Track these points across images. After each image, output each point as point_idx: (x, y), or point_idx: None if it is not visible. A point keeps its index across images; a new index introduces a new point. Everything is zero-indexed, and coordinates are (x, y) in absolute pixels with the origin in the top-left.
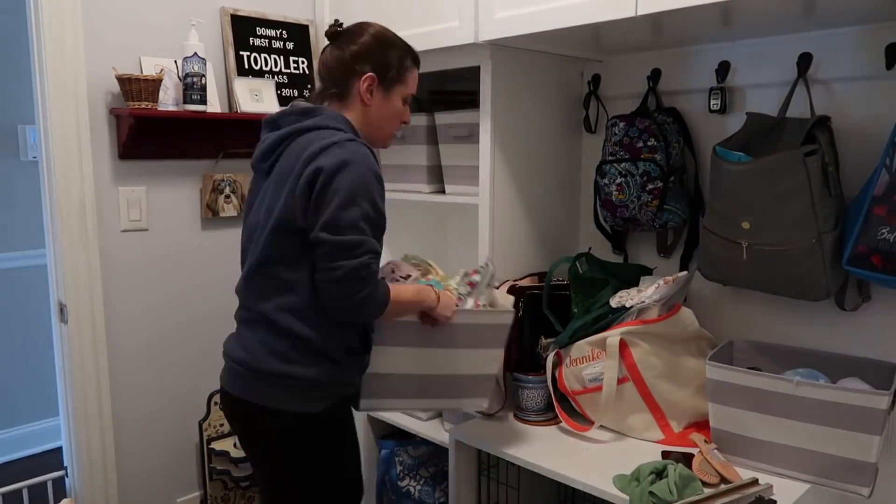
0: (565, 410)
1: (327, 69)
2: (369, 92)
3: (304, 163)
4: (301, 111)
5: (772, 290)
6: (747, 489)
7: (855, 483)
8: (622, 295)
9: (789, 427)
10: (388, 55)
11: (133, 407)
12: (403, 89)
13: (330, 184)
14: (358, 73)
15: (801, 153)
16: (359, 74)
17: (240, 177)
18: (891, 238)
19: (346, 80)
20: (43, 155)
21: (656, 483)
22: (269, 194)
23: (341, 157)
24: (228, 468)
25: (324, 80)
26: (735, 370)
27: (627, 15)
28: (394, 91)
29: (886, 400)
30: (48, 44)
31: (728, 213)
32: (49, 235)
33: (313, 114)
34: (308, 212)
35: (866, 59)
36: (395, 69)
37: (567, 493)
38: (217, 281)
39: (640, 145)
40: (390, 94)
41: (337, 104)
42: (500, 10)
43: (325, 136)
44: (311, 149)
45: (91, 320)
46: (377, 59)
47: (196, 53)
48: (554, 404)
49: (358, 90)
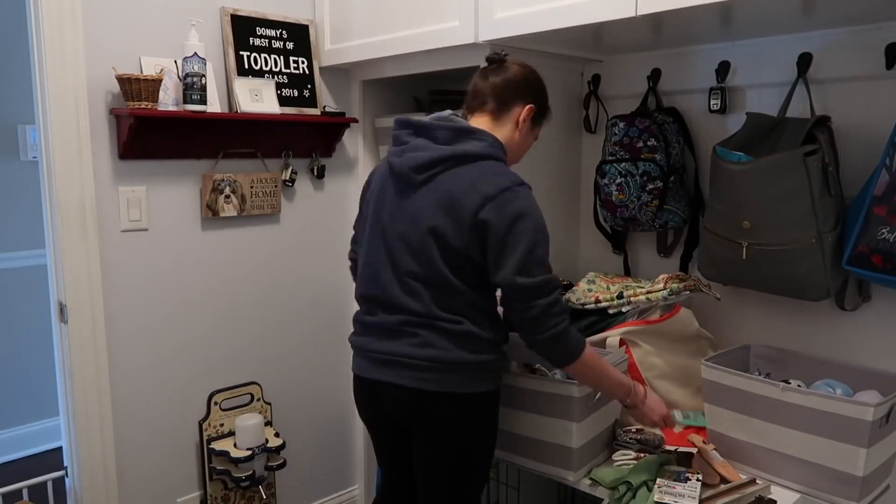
0: None
1: (492, 87)
2: (525, 120)
3: (480, 199)
4: (460, 129)
5: (772, 290)
6: (746, 489)
7: (843, 496)
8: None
9: (778, 433)
10: (544, 97)
11: (133, 407)
12: (538, 130)
13: (513, 228)
14: (522, 100)
15: (801, 153)
16: (522, 102)
17: (240, 177)
18: (891, 238)
19: (509, 101)
20: (43, 155)
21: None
22: (430, 213)
23: (519, 205)
24: (228, 468)
25: (483, 95)
26: (728, 371)
27: (627, 15)
28: (535, 127)
29: (870, 411)
30: (48, 44)
31: (728, 213)
32: (49, 235)
33: (474, 135)
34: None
35: (866, 59)
36: (546, 111)
37: (567, 493)
38: (217, 281)
39: (640, 145)
40: (534, 129)
41: (490, 120)
42: (500, 10)
43: (496, 172)
44: (487, 185)
45: (91, 320)
46: (538, 96)
47: (196, 53)
48: None
49: (517, 114)
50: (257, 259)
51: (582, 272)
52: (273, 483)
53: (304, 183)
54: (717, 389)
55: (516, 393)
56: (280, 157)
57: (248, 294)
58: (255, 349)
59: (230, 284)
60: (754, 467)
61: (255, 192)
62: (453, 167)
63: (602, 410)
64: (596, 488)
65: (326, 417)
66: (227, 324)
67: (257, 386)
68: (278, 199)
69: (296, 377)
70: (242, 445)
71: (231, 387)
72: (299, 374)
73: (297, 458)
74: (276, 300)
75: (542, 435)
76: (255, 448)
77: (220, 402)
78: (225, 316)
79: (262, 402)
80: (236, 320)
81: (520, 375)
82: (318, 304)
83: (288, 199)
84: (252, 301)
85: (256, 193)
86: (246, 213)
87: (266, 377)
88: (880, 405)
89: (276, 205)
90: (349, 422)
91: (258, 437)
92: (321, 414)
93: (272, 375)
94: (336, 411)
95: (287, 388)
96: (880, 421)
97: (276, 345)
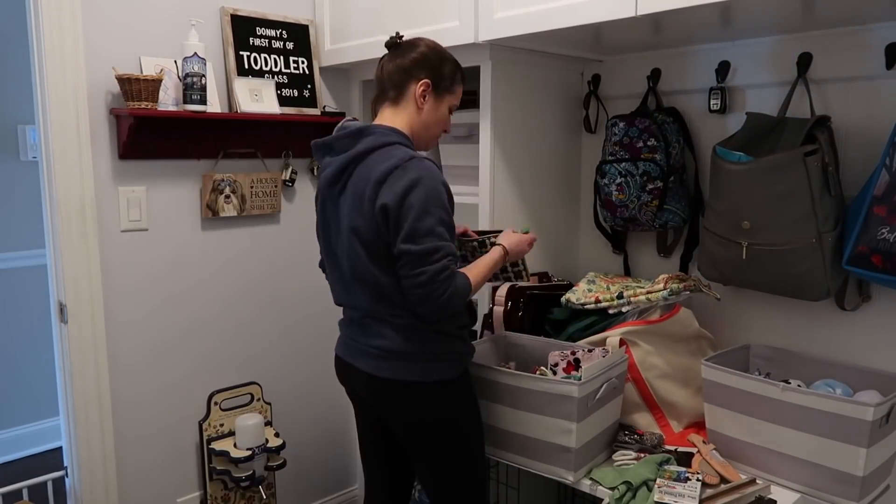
0: None
1: (387, 75)
2: (423, 96)
3: (374, 186)
4: (353, 133)
5: (772, 290)
6: (746, 489)
7: (843, 496)
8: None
9: (778, 433)
10: (442, 66)
11: (133, 407)
12: (451, 99)
13: (404, 201)
14: (415, 78)
15: (801, 153)
16: (416, 80)
17: (239, 177)
18: (891, 238)
19: (403, 84)
20: (43, 155)
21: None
22: (348, 216)
23: (409, 177)
24: (228, 468)
25: (383, 85)
26: (728, 371)
27: (627, 15)
28: (443, 99)
29: (870, 411)
30: (48, 44)
31: (728, 212)
32: (49, 235)
33: (365, 133)
34: (390, 228)
35: (866, 59)
36: (448, 79)
37: (567, 493)
38: (217, 281)
39: (640, 145)
40: (440, 102)
41: (391, 108)
42: (500, 10)
43: (386, 157)
44: (377, 172)
45: (91, 320)
46: (433, 68)
47: (196, 53)
48: None
49: (413, 94)
50: (257, 259)
51: (582, 272)
52: (273, 483)
53: (304, 183)
54: (717, 389)
55: (516, 393)
56: (280, 157)
57: (249, 294)
58: (255, 349)
59: (230, 284)
60: (754, 467)
61: (255, 192)
62: (355, 168)
63: (602, 410)
64: (596, 488)
65: (326, 417)
66: (227, 324)
67: (257, 386)
68: (278, 199)
69: (296, 377)
70: (242, 445)
71: (231, 387)
72: (299, 374)
73: (297, 458)
74: (276, 300)
75: (542, 435)
76: (255, 448)
77: (220, 402)
78: (225, 316)
79: (262, 402)
80: (236, 320)
81: (520, 375)
82: (318, 305)
83: (288, 199)
84: (252, 301)
85: (256, 193)
86: (246, 213)
87: (266, 377)
88: (880, 405)
89: (276, 205)
90: (349, 422)
91: (258, 437)
92: (321, 414)
93: (272, 375)
94: (336, 411)
95: (287, 388)
96: (880, 421)
97: (277, 345)
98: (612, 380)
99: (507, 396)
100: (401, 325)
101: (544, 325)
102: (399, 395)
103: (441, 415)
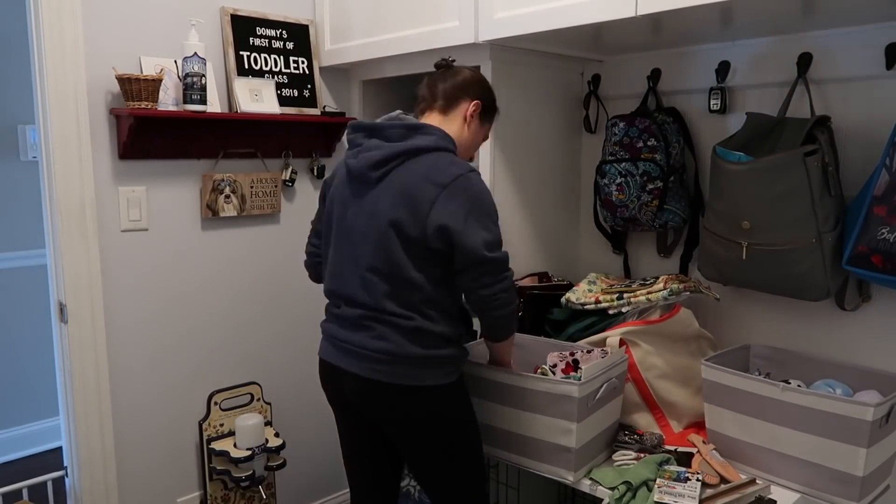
0: None
1: (441, 89)
2: (472, 115)
3: (436, 188)
4: (410, 126)
5: (772, 290)
6: (746, 489)
7: (843, 496)
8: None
9: (778, 433)
10: (491, 95)
11: (133, 407)
12: (488, 127)
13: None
14: (469, 97)
15: (801, 153)
16: (469, 99)
17: (239, 177)
18: (891, 238)
19: (456, 98)
20: (43, 155)
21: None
22: (386, 205)
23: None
24: (228, 468)
25: (433, 94)
26: (728, 371)
27: (627, 15)
28: (483, 125)
29: (870, 411)
30: (48, 44)
31: (728, 213)
32: (49, 235)
33: (423, 131)
34: (443, 237)
35: (866, 59)
36: (492, 110)
37: (567, 493)
38: (217, 281)
39: (640, 145)
40: (481, 126)
41: (440, 115)
42: (500, 10)
43: (449, 161)
44: (442, 174)
45: (91, 320)
46: (486, 93)
47: (196, 53)
48: None
49: (464, 110)
50: (257, 259)
51: (582, 272)
52: (273, 483)
53: (304, 183)
54: (717, 389)
55: (516, 392)
56: (280, 157)
57: (249, 294)
58: (255, 349)
59: (230, 284)
60: (754, 467)
61: (255, 192)
62: (406, 161)
63: (602, 410)
64: (596, 488)
65: (326, 417)
66: (227, 324)
67: (257, 386)
68: (278, 199)
69: (296, 377)
70: (242, 445)
71: (231, 387)
72: (299, 374)
73: (297, 458)
74: (276, 300)
75: (542, 435)
76: (255, 448)
77: (220, 402)
78: (225, 316)
79: (262, 402)
80: (236, 320)
81: (520, 375)
82: (318, 304)
83: (288, 199)
84: (252, 301)
85: (256, 193)
86: (246, 213)
87: (266, 377)
88: (880, 405)
89: (276, 205)
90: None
91: (258, 437)
92: (321, 414)
93: (272, 375)
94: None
95: (287, 388)
96: (880, 421)
97: (276, 345)
98: (612, 380)
99: (507, 396)
100: (406, 328)
101: (544, 326)
102: (400, 399)
103: (443, 417)
